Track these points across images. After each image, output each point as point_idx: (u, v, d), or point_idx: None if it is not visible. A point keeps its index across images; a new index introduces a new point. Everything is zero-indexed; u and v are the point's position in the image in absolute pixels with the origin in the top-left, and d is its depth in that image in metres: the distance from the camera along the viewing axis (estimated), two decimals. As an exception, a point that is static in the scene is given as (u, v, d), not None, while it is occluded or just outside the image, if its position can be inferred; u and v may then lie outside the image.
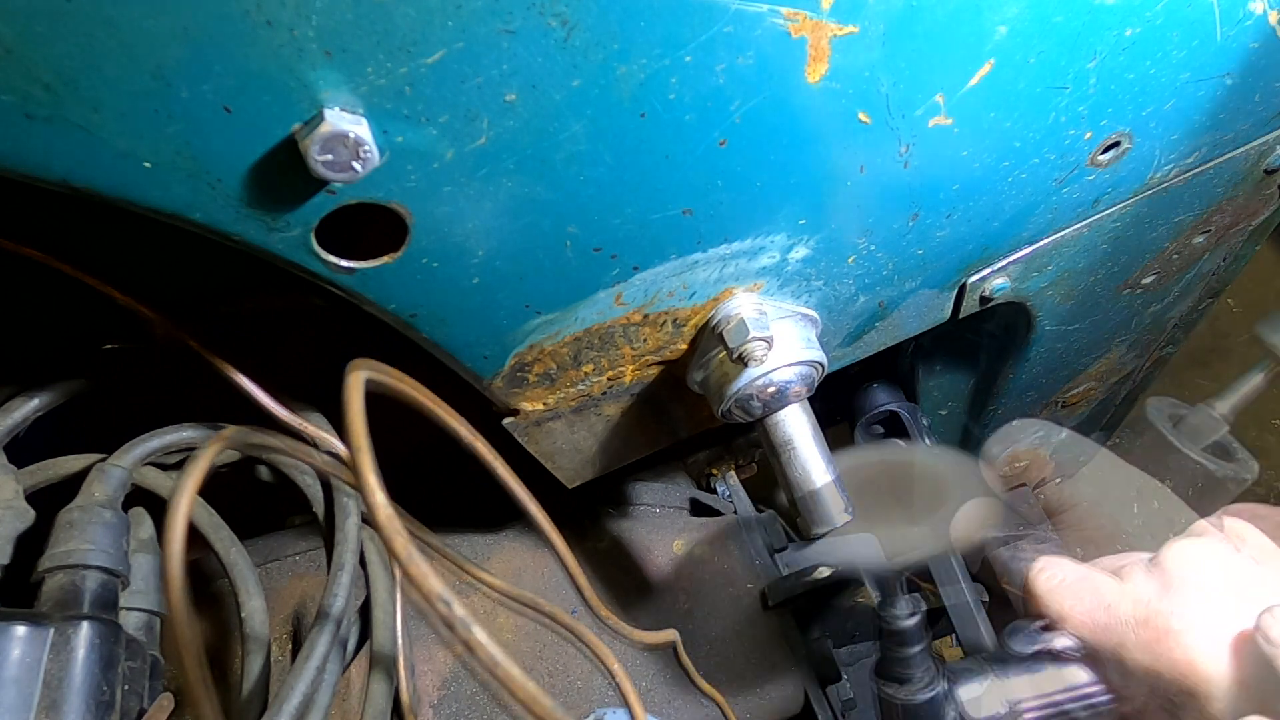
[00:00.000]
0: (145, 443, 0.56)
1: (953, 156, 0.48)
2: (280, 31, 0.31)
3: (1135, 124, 0.51)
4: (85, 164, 0.33)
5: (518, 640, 0.72)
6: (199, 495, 0.41)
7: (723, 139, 0.42)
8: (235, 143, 0.34)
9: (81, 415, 0.59)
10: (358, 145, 0.34)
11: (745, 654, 0.75)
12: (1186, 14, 0.45)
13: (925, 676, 0.54)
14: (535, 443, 0.59)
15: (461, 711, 0.68)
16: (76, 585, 0.46)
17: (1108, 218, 0.60)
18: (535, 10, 0.33)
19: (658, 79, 0.38)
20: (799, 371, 0.53)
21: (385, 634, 0.58)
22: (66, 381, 0.56)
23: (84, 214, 0.52)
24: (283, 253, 0.39)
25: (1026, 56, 0.44)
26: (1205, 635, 0.39)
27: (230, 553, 0.57)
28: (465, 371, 0.51)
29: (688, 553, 0.80)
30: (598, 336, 0.52)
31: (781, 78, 0.40)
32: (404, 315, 0.45)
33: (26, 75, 0.30)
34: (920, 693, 0.53)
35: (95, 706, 0.43)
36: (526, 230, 0.42)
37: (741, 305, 0.52)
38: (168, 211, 0.36)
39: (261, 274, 0.58)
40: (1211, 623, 0.40)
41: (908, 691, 0.53)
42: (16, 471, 0.52)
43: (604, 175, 0.41)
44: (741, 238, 0.48)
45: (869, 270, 0.55)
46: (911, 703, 0.53)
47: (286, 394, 0.60)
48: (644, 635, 0.61)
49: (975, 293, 0.62)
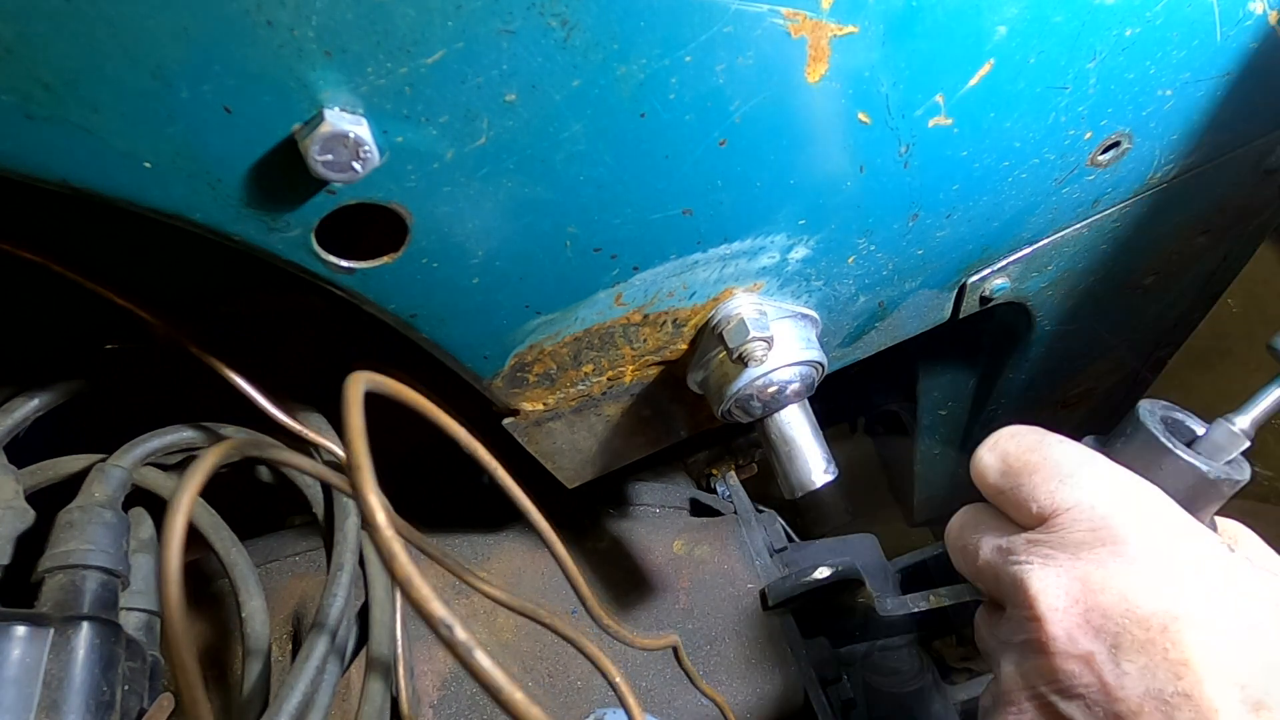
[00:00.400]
0: (145, 443, 0.56)
1: (953, 156, 0.48)
2: (280, 31, 0.31)
3: (1135, 124, 0.51)
4: (85, 164, 0.33)
5: (518, 640, 0.73)
6: (199, 495, 0.41)
7: (723, 139, 0.42)
8: (235, 143, 0.34)
9: (81, 415, 0.59)
10: (358, 145, 0.34)
11: (745, 654, 0.75)
12: (1186, 14, 0.45)
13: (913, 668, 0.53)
14: (535, 443, 0.59)
15: (461, 712, 0.69)
16: (76, 585, 0.46)
17: (1108, 218, 0.60)
18: (535, 10, 0.33)
19: (658, 79, 0.38)
20: (799, 371, 0.53)
21: (384, 634, 0.58)
22: (66, 381, 0.56)
23: (84, 214, 0.52)
24: (283, 253, 0.39)
25: (1026, 56, 0.44)
26: (1202, 635, 0.39)
27: (230, 553, 0.57)
28: (465, 372, 0.51)
29: (688, 553, 0.80)
30: (598, 337, 0.52)
31: (781, 78, 0.40)
32: (404, 315, 0.45)
33: (26, 75, 0.30)
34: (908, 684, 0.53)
35: (95, 707, 0.43)
36: (526, 230, 0.42)
37: (741, 305, 0.52)
38: (168, 211, 0.36)
39: (261, 274, 0.58)
40: (1208, 622, 0.40)
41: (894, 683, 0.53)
42: (16, 471, 0.52)
43: (604, 175, 0.41)
44: (741, 238, 0.48)
45: (869, 270, 0.55)
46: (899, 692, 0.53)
47: (286, 394, 0.61)
48: (646, 641, 0.61)
49: (975, 293, 0.62)
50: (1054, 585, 0.43)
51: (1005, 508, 0.48)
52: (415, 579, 0.25)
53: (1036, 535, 0.45)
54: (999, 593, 0.48)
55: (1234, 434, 0.46)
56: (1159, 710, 0.39)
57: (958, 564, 0.51)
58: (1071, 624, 0.42)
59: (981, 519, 0.50)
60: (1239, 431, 0.46)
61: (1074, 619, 0.42)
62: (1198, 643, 0.39)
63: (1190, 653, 0.39)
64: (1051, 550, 0.44)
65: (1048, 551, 0.44)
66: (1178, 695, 0.39)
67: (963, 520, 0.52)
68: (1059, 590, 0.43)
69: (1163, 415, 0.48)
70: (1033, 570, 0.44)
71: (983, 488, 0.50)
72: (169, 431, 0.57)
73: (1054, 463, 0.46)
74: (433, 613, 0.25)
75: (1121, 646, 0.41)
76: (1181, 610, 0.40)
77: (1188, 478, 0.45)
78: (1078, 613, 0.42)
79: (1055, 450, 0.47)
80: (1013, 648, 0.46)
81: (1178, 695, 0.39)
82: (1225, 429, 0.46)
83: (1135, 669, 0.40)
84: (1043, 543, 0.45)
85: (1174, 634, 0.39)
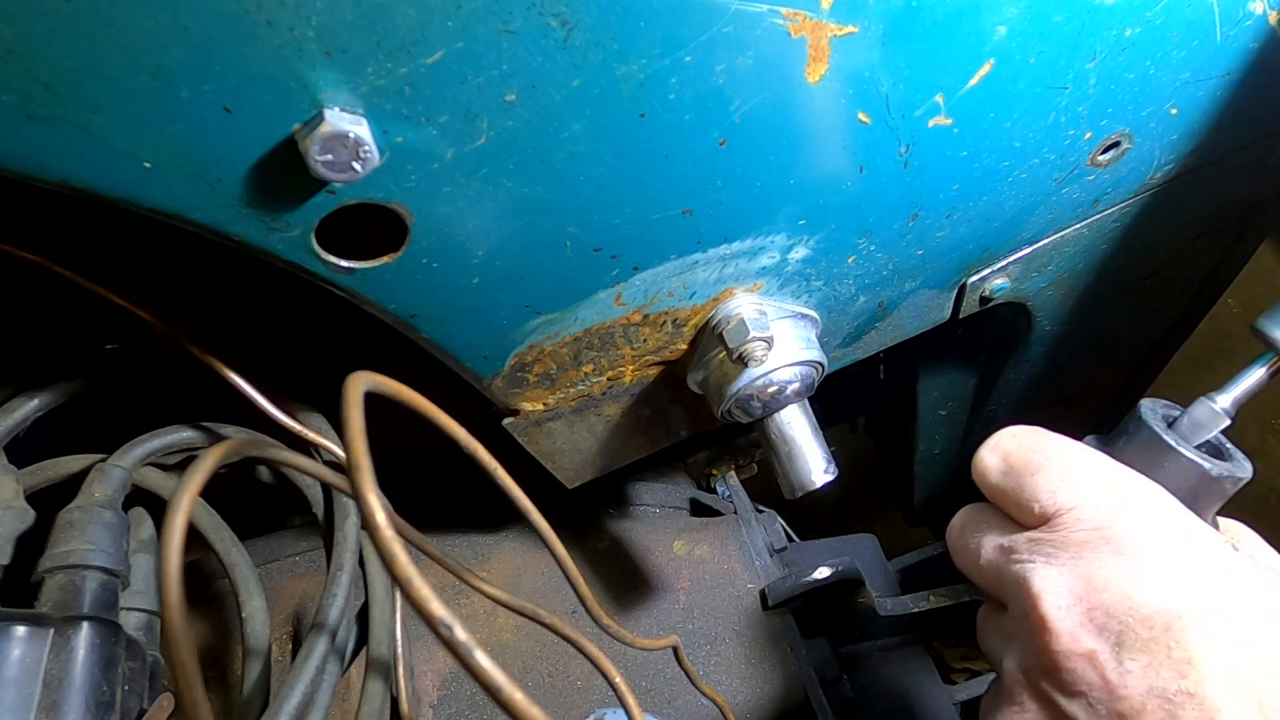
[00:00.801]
0: (145, 443, 0.56)
1: (953, 156, 0.48)
2: (280, 31, 0.31)
3: (1135, 124, 0.51)
4: (85, 164, 0.33)
5: (518, 640, 0.73)
6: (199, 495, 0.41)
7: (722, 139, 0.42)
8: (235, 143, 0.34)
9: (81, 415, 0.59)
10: (358, 145, 0.34)
11: (745, 654, 0.75)
12: (1186, 14, 0.45)
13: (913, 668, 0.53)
14: (535, 443, 0.59)
15: (461, 712, 0.69)
16: (76, 585, 0.46)
17: (1108, 218, 0.60)
18: (535, 10, 0.33)
19: (658, 79, 0.38)
20: (799, 371, 0.53)
21: (384, 634, 0.58)
22: (66, 381, 0.56)
23: (84, 214, 0.52)
24: (283, 253, 0.39)
25: (1026, 56, 0.44)
26: (1205, 633, 0.39)
27: (230, 553, 0.57)
28: (465, 372, 0.51)
29: (688, 553, 0.80)
30: (598, 337, 0.52)
31: (781, 78, 0.40)
32: (404, 315, 0.45)
33: (26, 75, 0.30)
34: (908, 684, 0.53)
35: (95, 707, 0.43)
36: (526, 230, 0.42)
37: (741, 305, 0.52)
38: (168, 211, 0.36)
39: (261, 274, 0.58)
40: (1212, 621, 0.40)
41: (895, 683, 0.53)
42: (16, 471, 0.52)
43: (604, 175, 0.41)
44: (741, 238, 0.48)
45: (869, 270, 0.55)
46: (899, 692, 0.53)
47: (286, 394, 0.61)
48: (646, 642, 0.61)
49: (975, 293, 0.62)
50: (1057, 584, 0.43)
51: (1007, 508, 0.48)
52: (415, 579, 0.25)
53: (1039, 534, 0.45)
54: (1001, 592, 0.48)
55: (1215, 412, 0.46)
56: (1162, 709, 0.39)
57: (959, 563, 0.51)
58: (1074, 622, 0.42)
59: (983, 518, 0.50)
60: (1220, 410, 0.46)
61: (1077, 617, 0.42)
62: (1201, 641, 0.39)
63: (1194, 651, 0.39)
64: (1054, 549, 0.44)
65: (1050, 550, 0.44)
66: (1181, 693, 0.39)
67: (964, 519, 0.52)
68: (1062, 589, 0.43)
69: (1164, 414, 0.48)
70: (1035, 569, 0.44)
71: (984, 488, 0.50)
72: (169, 431, 0.57)
73: (1056, 462, 0.46)
74: (433, 613, 0.25)
75: (1124, 645, 0.41)
76: (1185, 609, 0.40)
77: (1191, 476, 0.45)
78: (1081, 611, 0.42)
79: (1057, 450, 0.47)
80: (1015, 646, 0.46)
81: (1181, 693, 0.39)
82: (1206, 407, 0.46)
83: (1138, 667, 0.40)
84: (1045, 542, 0.45)
85: (1177, 632, 0.39)
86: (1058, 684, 0.43)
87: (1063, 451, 0.47)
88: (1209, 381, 0.47)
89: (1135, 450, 0.47)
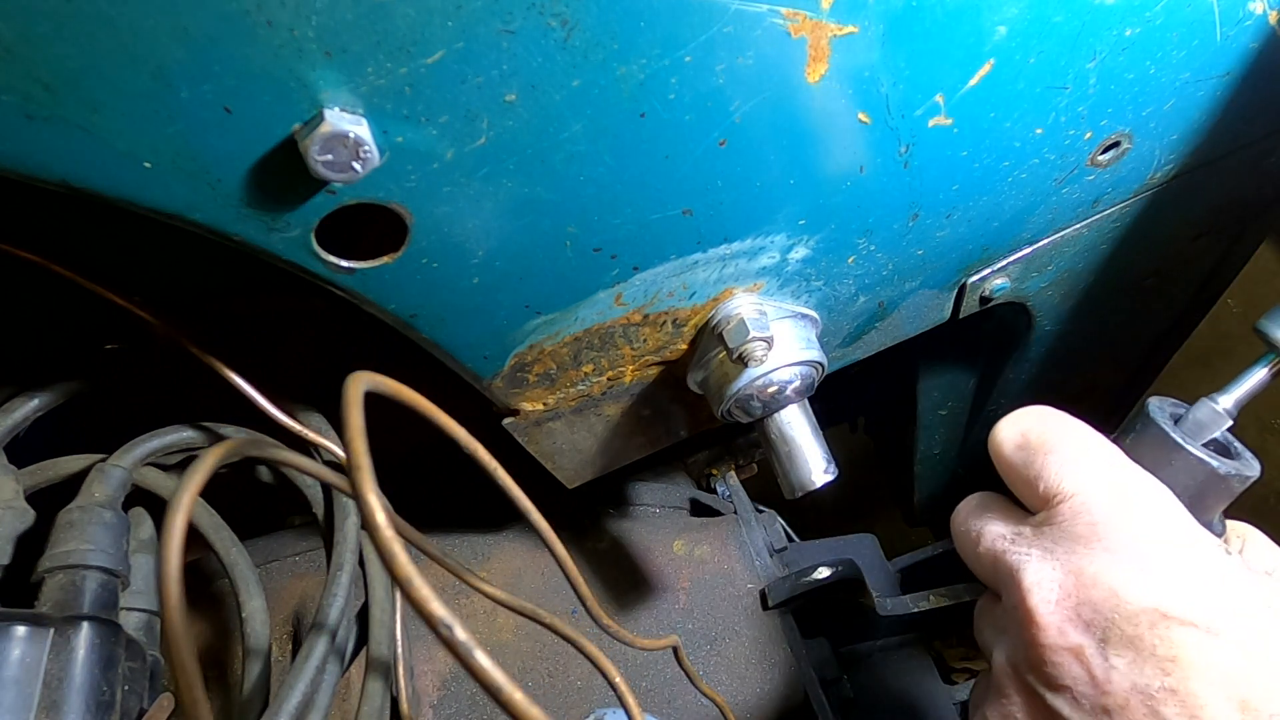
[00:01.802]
0: (145, 443, 0.56)
1: (953, 156, 0.48)
2: (280, 31, 0.31)
3: (1135, 124, 0.51)
4: (85, 164, 0.33)
5: (518, 641, 0.73)
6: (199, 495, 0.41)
7: (723, 139, 0.42)
8: (235, 143, 0.34)
9: (81, 415, 0.59)
10: (358, 145, 0.34)
11: (745, 654, 0.75)
12: (1186, 14, 0.45)
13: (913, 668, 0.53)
14: (535, 443, 0.59)
15: (461, 712, 0.69)
16: (76, 585, 0.46)
17: (1107, 218, 0.60)
18: (535, 10, 0.33)
19: (658, 79, 0.38)
20: (799, 371, 0.53)
21: (384, 634, 0.58)
22: (66, 381, 0.56)
23: (84, 214, 0.52)
24: (283, 253, 0.40)
25: (1026, 56, 0.44)
26: (1190, 632, 0.39)
27: (230, 553, 0.57)
28: (465, 372, 0.51)
29: (688, 553, 0.80)
30: (598, 337, 0.52)
31: (781, 78, 0.40)
32: (404, 315, 0.45)
33: (26, 75, 0.30)
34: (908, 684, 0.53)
35: (95, 707, 0.43)
36: (526, 230, 0.42)
37: (741, 305, 0.52)
38: (168, 211, 0.36)
39: (261, 274, 0.58)
40: (1197, 620, 0.40)
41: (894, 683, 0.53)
42: (16, 471, 0.52)
43: (604, 175, 0.41)
44: (741, 238, 0.48)
45: (869, 270, 0.55)
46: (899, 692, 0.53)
47: (286, 394, 0.61)
48: (646, 642, 0.61)
49: (975, 293, 0.62)
50: (1048, 578, 0.43)
51: (1013, 483, 0.49)
52: (415, 579, 0.25)
53: (1037, 527, 0.46)
54: (995, 582, 0.48)
55: (1217, 413, 0.46)
56: (1145, 705, 0.39)
57: (960, 548, 0.52)
58: (1062, 617, 0.42)
59: (988, 506, 0.51)
60: (1222, 411, 0.46)
61: (1065, 612, 0.42)
62: (1185, 640, 0.39)
63: (1178, 650, 0.39)
64: (1050, 543, 0.44)
65: (1047, 544, 0.44)
66: (1164, 690, 0.39)
67: (969, 506, 0.52)
68: (1052, 583, 0.43)
69: (1171, 412, 0.48)
70: (1029, 562, 0.45)
71: (997, 460, 0.50)
72: (169, 431, 0.57)
73: (1070, 446, 0.46)
74: (433, 613, 0.25)
75: (1110, 641, 0.41)
76: (1171, 608, 0.40)
77: (1198, 474, 0.46)
78: (1069, 606, 0.42)
79: (1075, 435, 0.47)
80: (1005, 638, 0.47)
81: (1164, 690, 0.39)
82: (1209, 408, 0.46)
83: (1123, 664, 0.40)
84: (1043, 535, 0.45)
85: (1162, 631, 0.40)
86: (1043, 678, 0.43)
87: (1079, 438, 0.47)
88: (1209, 381, 0.47)
89: (1143, 447, 0.47)
